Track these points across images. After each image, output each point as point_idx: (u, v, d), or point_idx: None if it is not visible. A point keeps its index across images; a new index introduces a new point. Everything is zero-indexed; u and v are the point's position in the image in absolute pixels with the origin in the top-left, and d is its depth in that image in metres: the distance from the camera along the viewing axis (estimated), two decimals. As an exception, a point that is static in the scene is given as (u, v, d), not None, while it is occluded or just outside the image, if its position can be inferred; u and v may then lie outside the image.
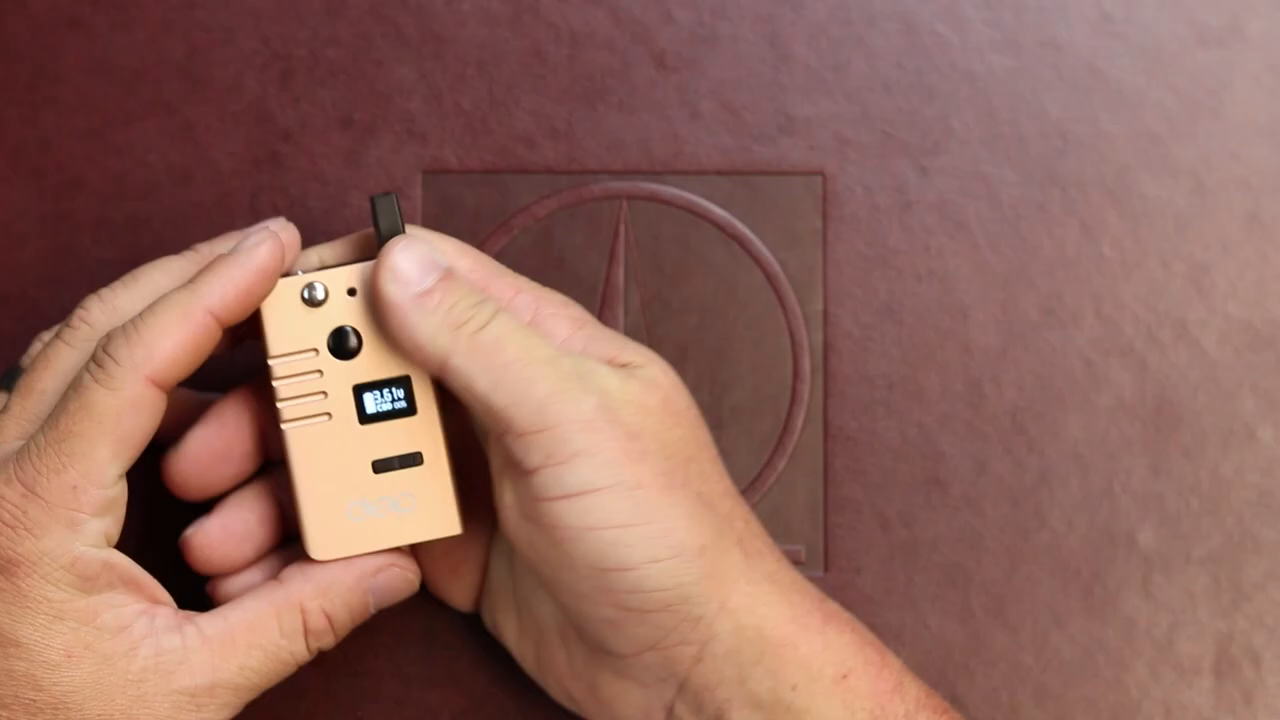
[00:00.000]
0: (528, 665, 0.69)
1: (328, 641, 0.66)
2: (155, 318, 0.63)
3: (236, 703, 0.65)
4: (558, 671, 0.68)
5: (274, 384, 0.65)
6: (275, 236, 0.64)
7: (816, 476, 0.73)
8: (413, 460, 0.66)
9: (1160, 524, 0.73)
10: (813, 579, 0.73)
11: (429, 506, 0.66)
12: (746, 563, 0.64)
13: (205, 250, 0.67)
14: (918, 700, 0.64)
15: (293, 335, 0.65)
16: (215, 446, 0.67)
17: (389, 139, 0.74)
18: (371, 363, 0.65)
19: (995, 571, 0.73)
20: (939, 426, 0.72)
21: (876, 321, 0.73)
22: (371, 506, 0.66)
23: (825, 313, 0.73)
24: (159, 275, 0.66)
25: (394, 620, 0.72)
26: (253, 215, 0.73)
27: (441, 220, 0.73)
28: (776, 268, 0.73)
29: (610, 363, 0.64)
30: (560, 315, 0.66)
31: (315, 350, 0.65)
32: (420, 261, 0.64)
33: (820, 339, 0.73)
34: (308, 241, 0.71)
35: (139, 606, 0.64)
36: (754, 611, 0.63)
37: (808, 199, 0.74)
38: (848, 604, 0.72)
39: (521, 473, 0.63)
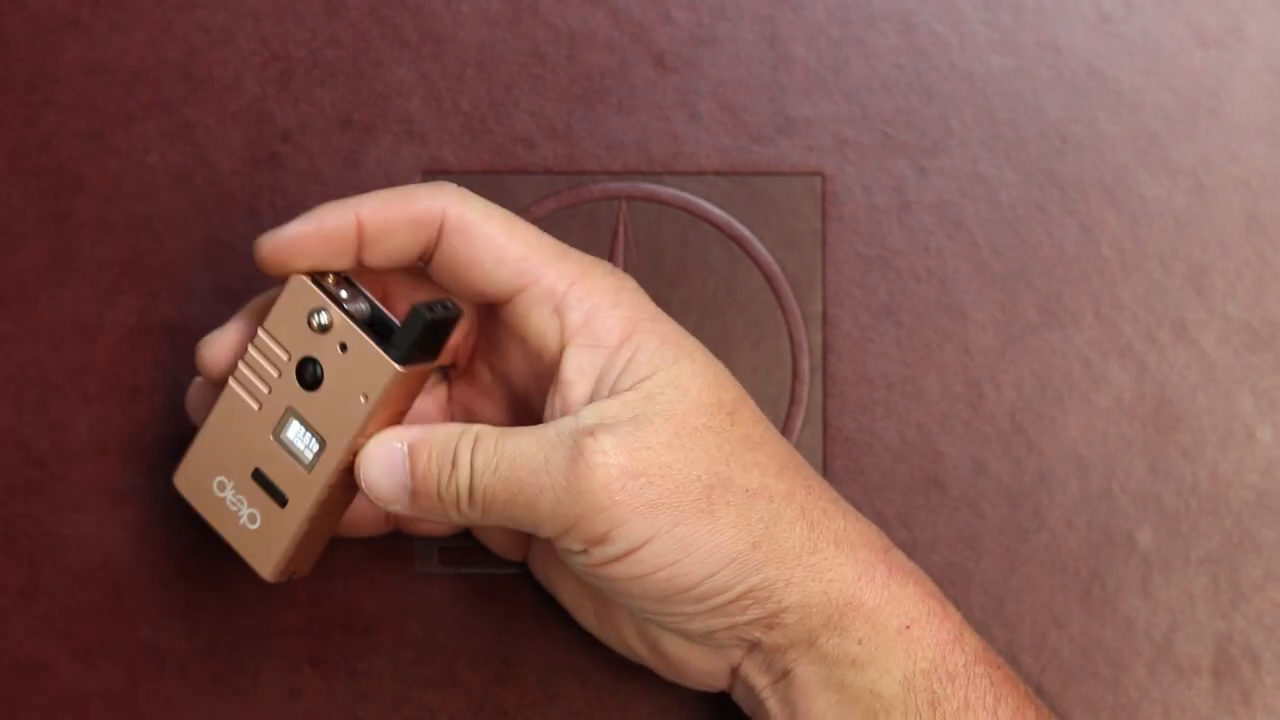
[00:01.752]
0: (583, 619, 0.70)
1: None
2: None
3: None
4: (619, 630, 0.69)
5: (249, 346, 0.67)
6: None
7: (816, 477, 0.73)
8: (278, 498, 0.67)
9: (1159, 524, 0.73)
10: (812, 579, 0.73)
11: (261, 540, 0.67)
12: (810, 533, 0.64)
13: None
14: (976, 653, 0.64)
15: (288, 329, 0.67)
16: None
17: (388, 139, 0.74)
18: (313, 406, 0.67)
19: (994, 571, 0.73)
20: (938, 427, 0.72)
21: (875, 322, 0.73)
22: (230, 494, 0.68)
23: (824, 313, 0.73)
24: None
25: (394, 620, 0.72)
26: (252, 215, 0.73)
27: (441, 221, 0.73)
28: (775, 268, 0.74)
29: (643, 380, 0.64)
30: (612, 318, 0.65)
31: (288, 356, 0.67)
32: (390, 485, 0.65)
33: (819, 339, 0.73)
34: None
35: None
36: (820, 578, 0.64)
37: (807, 199, 0.74)
38: (847, 604, 0.72)
39: (566, 553, 0.65)
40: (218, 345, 0.67)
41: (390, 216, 0.65)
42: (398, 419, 0.67)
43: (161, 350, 0.73)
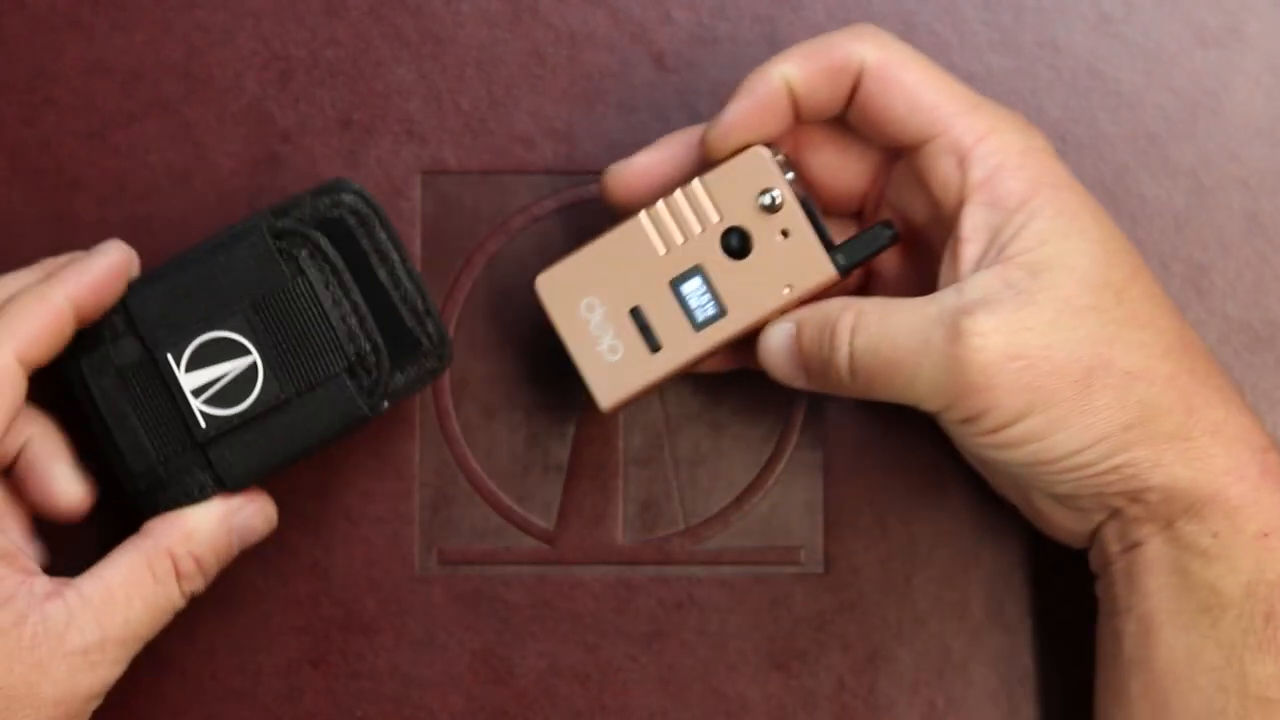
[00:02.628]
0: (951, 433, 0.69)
1: (199, 584, 0.67)
2: (17, 303, 0.66)
3: (125, 656, 0.66)
4: (994, 476, 0.70)
5: (680, 192, 0.68)
6: (124, 245, 0.68)
7: (816, 476, 0.73)
8: (651, 342, 0.68)
9: (1159, 524, 0.73)
10: (813, 579, 0.73)
11: (614, 373, 0.68)
12: (1188, 419, 0.64)
13: (50, 262, 0.69)
14: None
15: (730, 194, 0.68)
16: (654, 171, 0.69)
17: (388, 139, 0.74)
18: (727, 274, 0.68)
19: (994, 572, 0.73)
20: (938, 427, 0.72)
21: (876, 322, 0.73)
22: (597, 318, 0.68)
23: (824, 313, 0.73)
24: (9, 283, 0.68)
25: (394, 620, 0.72)
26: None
27: (441, 221, 0.73)
28: (776, 268, 0.73)
29: (1033, 249, 0.64)
30: (1015, 179, 0.65)
31: (719, 219, 0.68)
32: (787, 365, 0.68)
33: (819, 339, 0.73)
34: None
35: (18, 578, 0.65)
36: (1190, 465, 0.64)
37: (807, 199, 0.74)
38: (848, 605, 0.72)
39: (943, 420, 0.66)
40: (625, 175, 0.68)
41: (814, 71, 0.66)
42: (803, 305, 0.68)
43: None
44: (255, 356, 0.67)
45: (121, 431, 0.68)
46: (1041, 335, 0.63)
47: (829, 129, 0.69)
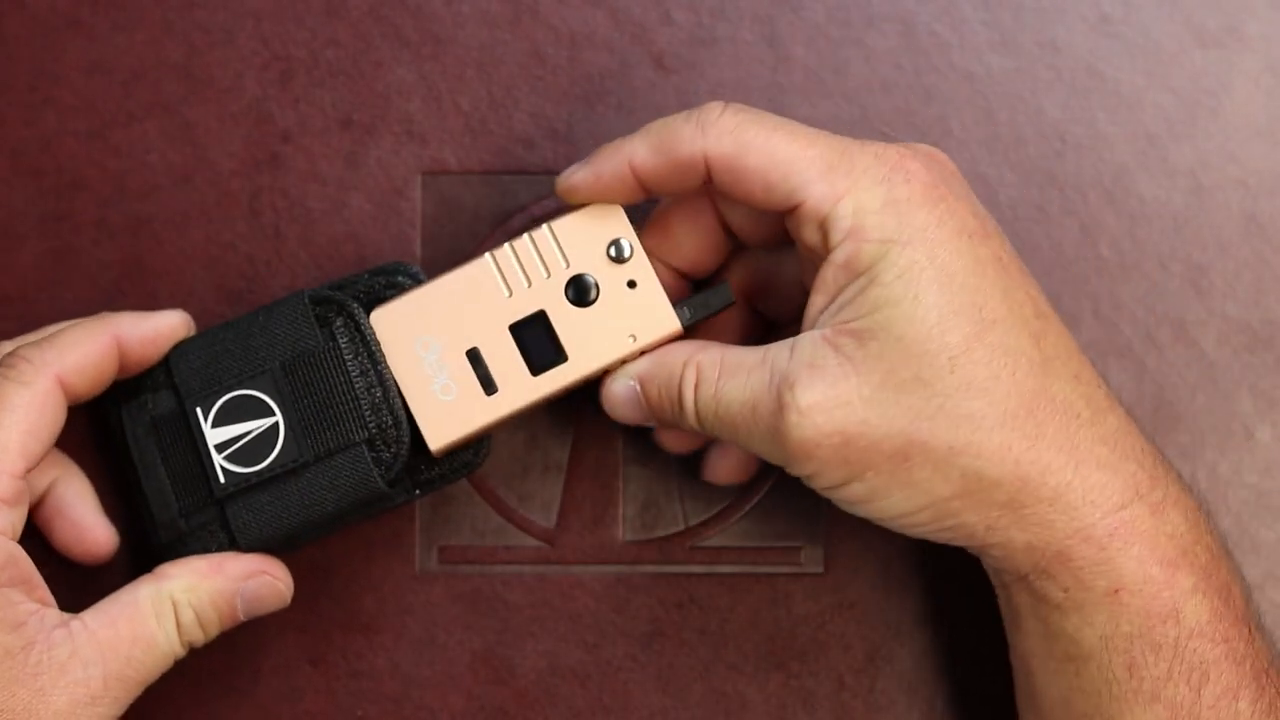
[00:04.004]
0: None
1: (197, 637, 0.67)
2: (65, 332, 0.67)
3: (126, 699, 0.66)
4: None
5: (527, 235, 0.68)
6: (186, 315, 0.69)
7: (815, 477, 0.73)
8: (487, 385, 0.68)
9: (1158, 524, 0.73)
10: (813, 579, 0.73)
11: (446, 414, 0.68)
12: (1023, 489, 0.63)
13: (111, 315, 0.69)
14: (1197, 628, 0.63)
15: (579, 241, 0.68)
16: (594, 185, 0.68)
17: (388, 140, 0.74)
18: (570, 321, 0.68)
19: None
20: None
21: (875, 322, 0.73)
22: (432, 358, 0.68)
23: (824, 313, 0.73)
24: (64, 326, 0.69)
25: (394, 620, 0.72)
26: (252, 215, 0.73)
27: (441, 221, 0.73)
28: (776, 268, 0.74)
29: (866, 315, 0.63)
30: (864, 240, 0.64)
31: (566, 265, 0.68)
32: (633, 414, 0.68)
33: (819, 339, 0.73)
34: (311, 243, 0.71)
35: (32, 606, 0.65)
36: (1027, 530, 0.63)
37: (806, 200, 0.74)
38: (848, 605, 0.72)
39: None
40: (577, 187, 0.68)
41: (660, 164, 0.66)
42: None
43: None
44: (278, 417, 0.67)
45: (150, 480, 0.68)
46: (859, 410, 0.63)
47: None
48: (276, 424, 0.67)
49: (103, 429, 0.70)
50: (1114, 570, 0.63)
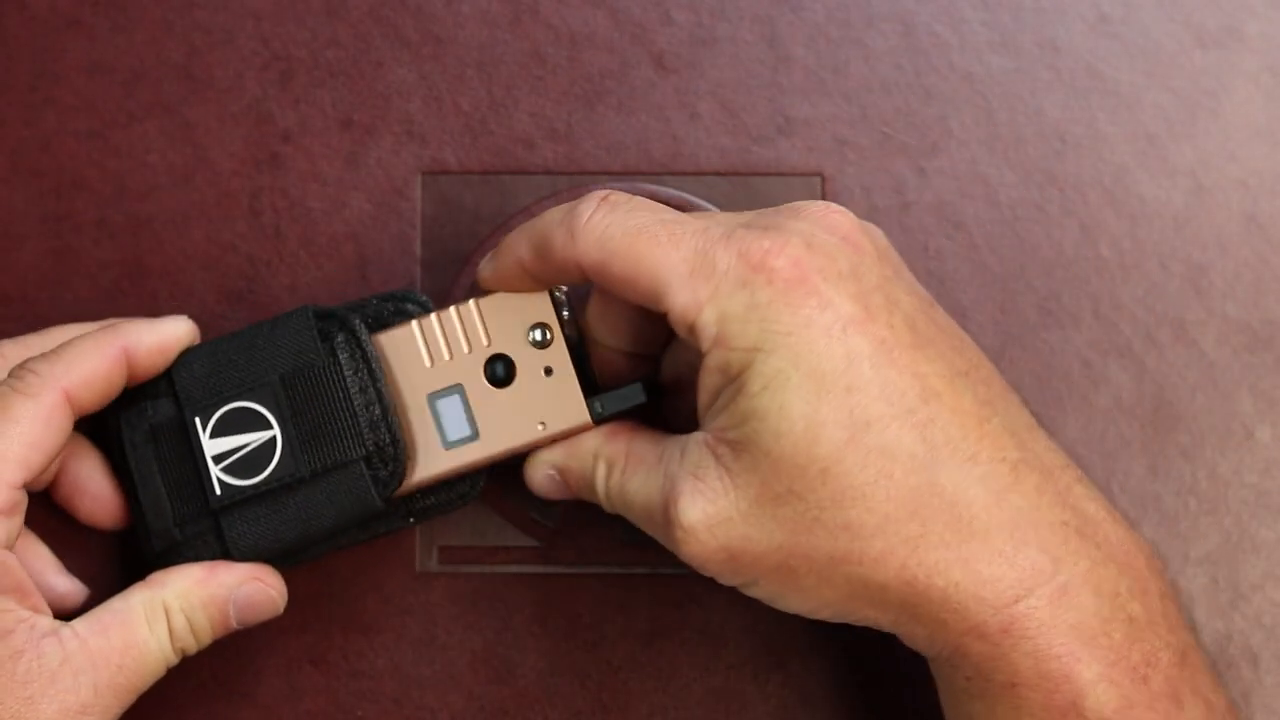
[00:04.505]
0: None
1: (189, 644, 0.67)
2: (74, 345, 0.67)
3: (119, 707, 0.66)
4: None
5: (453, 307, 0.68)
6: (190, 321, 0.69)
7: (815, 477, 0.73)
8: (410, 445, 0.68)
9: (1158, 524, 0.73)
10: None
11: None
12: (910, 591, 0.62)
13: (117, 322, 0.69)
14: (1100, 718, 0.62)
15: (502, 322, 0.68)
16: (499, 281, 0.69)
17: (388, 140, 0.74)
18: (485, 399, 0.68)
19: (994, 571, 0.73)
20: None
21: (875, 322, 0.73)
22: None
23: (824, 313, 0.73)
24: (72, 330, 0.69)
25: (394, 620, 0.72)
26: (252, 215, 0.73)
27: (441, 221, 0.73)
28: (775, 268, 0.73)
29: (739, 425, 0.63)
30: (731, 349, 0.63)
31: (488, 343, 0.68)
32: (554, 492, 0.69)
33: (819, 339, 0.73)
34: (311, 243, 0.71)
35: (22, 614, 0.65)
36: (924, 626, 0.63)
37: (807, 200, 0.74)
38: (847, 604, 0.72)
39: None
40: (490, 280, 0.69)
41: (542, 269, 0.66)
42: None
43: (162, 350, 0.73)
44: (276, 431, 0.67)
45: (146, 489, 0.68)
46: (740, 526, 0.63)
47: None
48: (274, 438, 0.67)
49: (101, 433, 0.70)
50: (1009, 666, 0.62)
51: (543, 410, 0.68)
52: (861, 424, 0.61)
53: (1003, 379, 0.65)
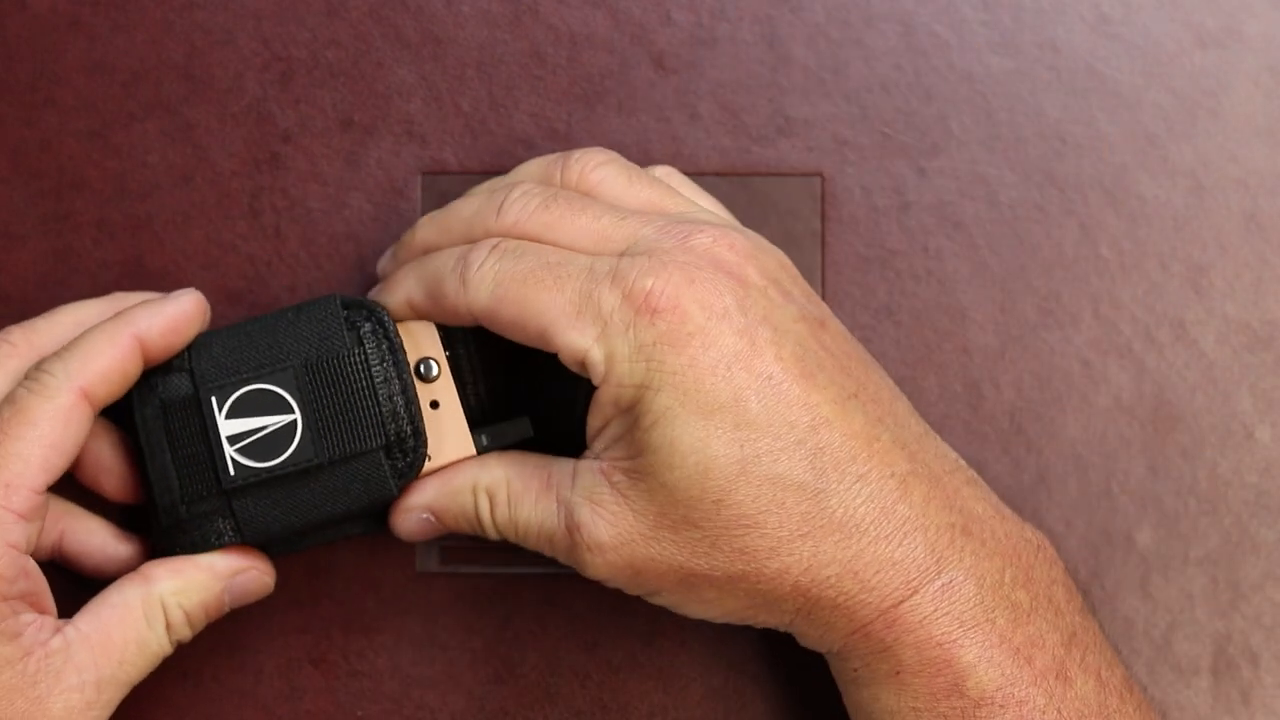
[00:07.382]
0: None
1: (185, 635, 0.68)
2: (86, 340, 0.67)
3: (118, 699, 0.67)
4: None
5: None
6: (199, 295, 0.68)
7: (815, 477, 0.73)
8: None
9: (1158, 524, 0.73)
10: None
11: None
12: (804, 601, 0.65)
13: (122, 296, 0.70)
14: (981, 698, 0.64)
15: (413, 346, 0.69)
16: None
17: (388, 140, 0.74)
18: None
19: (994, 571, 0.73)
20: (937, 427, 0.72)
21: (875, 322, 0.73)
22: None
23: (824, 313, 0.73)
24: (79, 312, 0.69)
25: (394, 620, 0.72)
26: (252, 216, 0.73)
27: (441, 221, 0.73)
28: (775, 268, 0.73)
29: (636, 456, 0.65)
30: (621, 386, 0.65)
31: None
32: (428, 535, 0.69)
33: (819, 339, 0.73)
34: (311, 243, 0.71)
35: (30, 616, 0.66)
36: (816, 627, 0.66)
37: (806, 200, 0.74)
38: (847, 604, 0.72)
39: None
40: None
41: (433, 311, 0.68)
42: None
43: (162, 350, 0.73)
44: (297, 415, 0.67)
45: (153, 464, 0.68)
46: (643, 548, 0.65)
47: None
48: (294, 422, 0.67)
49: (113, 405, 0.70)
50: (893, 657, 0.64)
51: (430, 443, 0.68)
52: (751, 457, 0.64)
53: (893, 388, 0.67)
